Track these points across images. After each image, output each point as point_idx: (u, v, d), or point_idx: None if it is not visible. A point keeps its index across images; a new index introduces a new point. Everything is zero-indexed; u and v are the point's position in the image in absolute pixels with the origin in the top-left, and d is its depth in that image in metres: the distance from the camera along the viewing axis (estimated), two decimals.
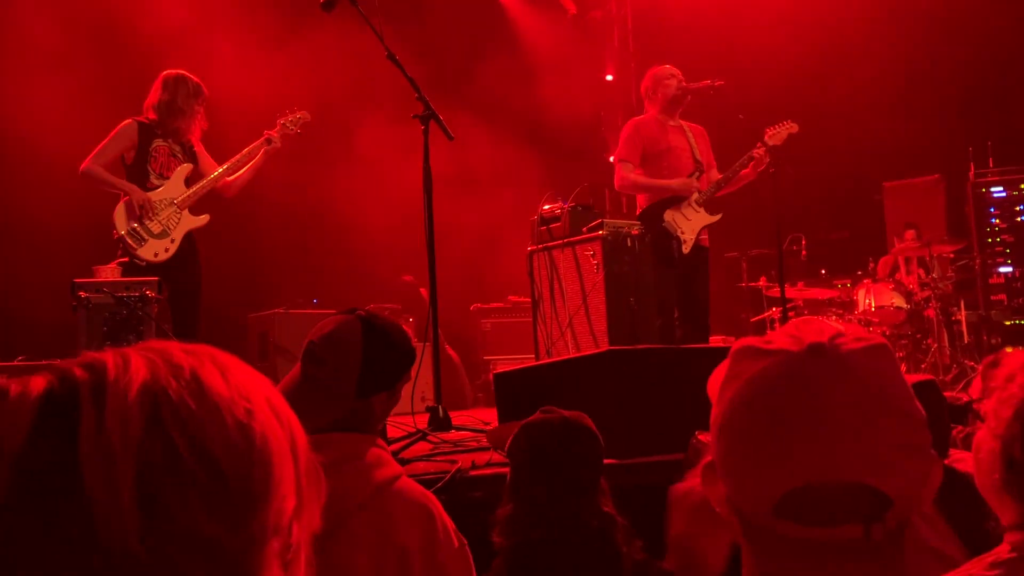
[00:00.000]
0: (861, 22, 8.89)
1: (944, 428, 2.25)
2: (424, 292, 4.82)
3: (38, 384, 0.65)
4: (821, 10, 8.67)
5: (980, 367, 3.19)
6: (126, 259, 4.97)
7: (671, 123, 5.73)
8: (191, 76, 5.21)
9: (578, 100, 9.46)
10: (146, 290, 4.51)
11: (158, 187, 5.09)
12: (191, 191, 5.17)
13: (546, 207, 5.63)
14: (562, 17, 9.99)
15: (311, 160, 7.84)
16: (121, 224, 4.98)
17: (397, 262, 7.76)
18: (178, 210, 5.12)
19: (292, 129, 5.49)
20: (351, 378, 1.87)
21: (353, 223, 7.91)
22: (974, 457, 1.40)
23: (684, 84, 5.69)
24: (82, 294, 4.41)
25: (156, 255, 5.01)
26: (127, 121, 5.10)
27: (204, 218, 5.23)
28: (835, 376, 0.86)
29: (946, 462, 2.19)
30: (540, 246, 5.57)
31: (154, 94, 5.15)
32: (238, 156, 5.33)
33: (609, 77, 10.17)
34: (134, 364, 0.66)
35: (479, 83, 8.50)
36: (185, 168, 5.20)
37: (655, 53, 8.39)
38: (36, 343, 5.74)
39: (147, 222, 5.01)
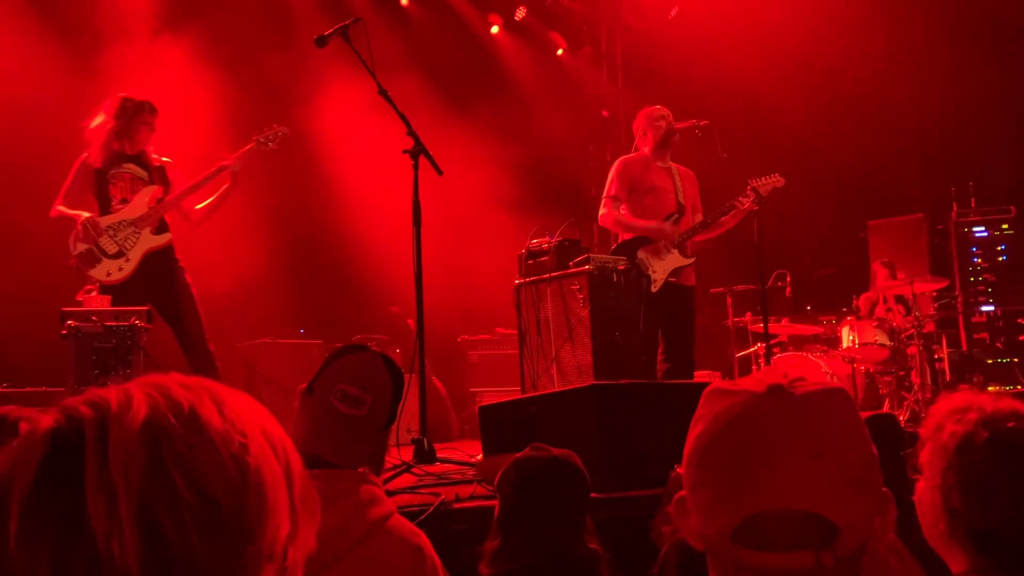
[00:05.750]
0: (846, 63, 9.05)
1: (902, 462, 2.28)
2: (411, 323, 4.85)
3: (46, 422, 0.69)
4: (808, 50, 8.81)
5: (931, 409, 3.21)
6: (94, 285, 4.89)
7: (659, 163, 5.75)
8: (131, 96, 5.14)
9: (567, 135, 9.57)
10: (135, 319, 4.53)
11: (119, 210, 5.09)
12: (147, 211, 5.08)
13: (533, 241, 5.68)
14: (552, 54, 10.14)
15: (300, 190, 7.89)
16: (73, 247, 4.98)
17: (385, 293, 7.78)
18: (136, 230, 5.05)
19: (269, 146, 5.27)
20: (386, 409, 2.00)
21: (341, 254, 7.95)
22: (918, 510, 1.43)
23: (673, 125, 5.73)
24: (71, 323, 4.42)
25: (108, 275, 4.95)
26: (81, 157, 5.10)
27: (165, 237, 5.14)
28: (790, 414, 0.93)
29: (913, 497, 2.22)
30: (527, 280, 5.62)
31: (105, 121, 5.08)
32: (193, 183, 5.20)
33: (604, 113, 10.28)
34: (136, 402, 0.70)
35: (470, 118, 8.59)
36: (150, 189, 5.14)
37: (644, 90, 8.53)
38: (22, 370, 5.74)
39: (101, 242, 4.96)
